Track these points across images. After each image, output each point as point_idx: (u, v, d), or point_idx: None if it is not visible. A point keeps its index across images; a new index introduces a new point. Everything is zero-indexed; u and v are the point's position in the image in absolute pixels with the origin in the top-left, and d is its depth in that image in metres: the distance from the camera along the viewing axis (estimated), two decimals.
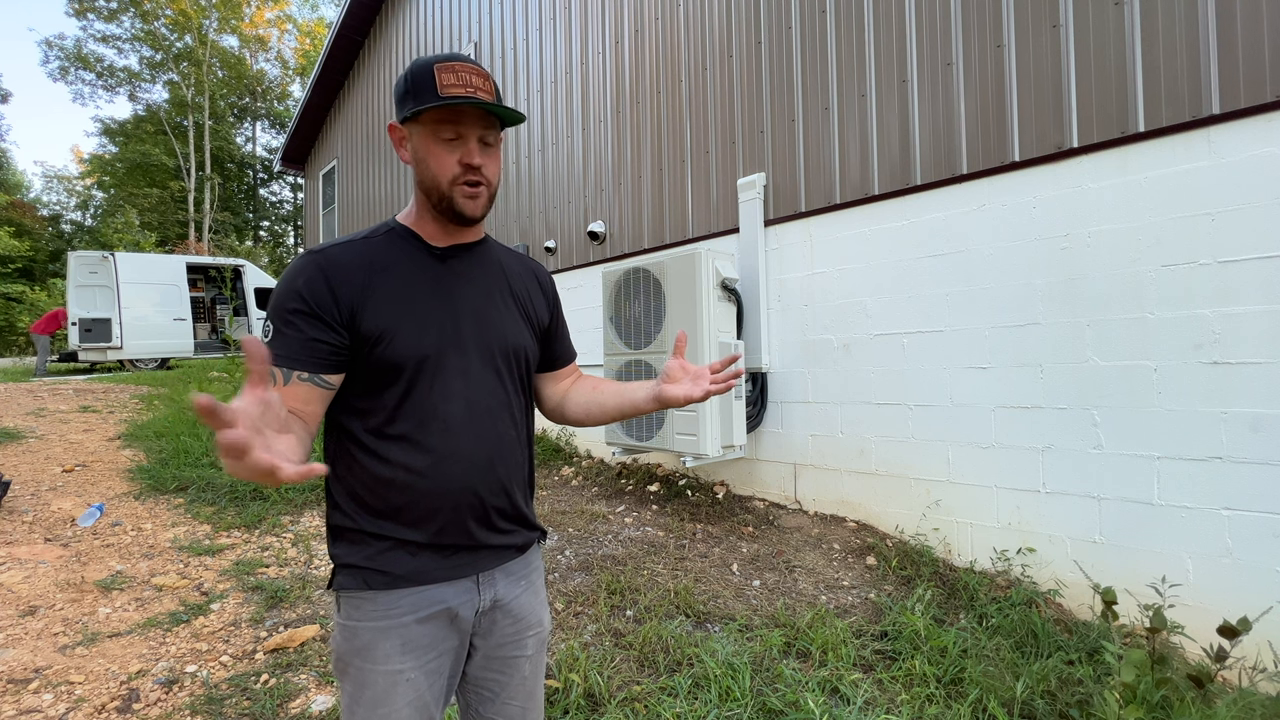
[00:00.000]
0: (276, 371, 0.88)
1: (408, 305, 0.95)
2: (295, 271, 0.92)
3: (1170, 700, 1.61)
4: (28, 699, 2.00)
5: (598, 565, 2.91)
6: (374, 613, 0.93)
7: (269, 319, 0.92)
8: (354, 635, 0.93)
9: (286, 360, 0.89)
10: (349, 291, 0.92)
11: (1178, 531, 2.25)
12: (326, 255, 0.94)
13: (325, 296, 0.91)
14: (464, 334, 0.99)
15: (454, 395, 0.97)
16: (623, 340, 3.73)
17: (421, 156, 0.95)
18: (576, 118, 5.25)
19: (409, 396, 0.94)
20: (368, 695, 0.92)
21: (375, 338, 0.92)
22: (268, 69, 31.78)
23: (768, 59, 3.70)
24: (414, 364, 0.94)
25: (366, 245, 0.97)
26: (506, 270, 1.10)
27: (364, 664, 0.93)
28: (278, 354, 0.88)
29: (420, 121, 0.93)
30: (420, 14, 7.98)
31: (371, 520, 0.94)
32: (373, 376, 0.94)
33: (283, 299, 0.91)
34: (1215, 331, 2.18)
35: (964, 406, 2.83)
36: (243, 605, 2.68)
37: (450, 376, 0.97)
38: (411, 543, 0.95)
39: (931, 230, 2.95)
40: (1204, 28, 2.22)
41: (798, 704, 1.82)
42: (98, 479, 4.25)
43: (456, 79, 0.90)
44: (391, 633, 0.93)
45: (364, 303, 0.92)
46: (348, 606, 0.95)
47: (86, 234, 29.21)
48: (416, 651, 0.94)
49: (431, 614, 0.96)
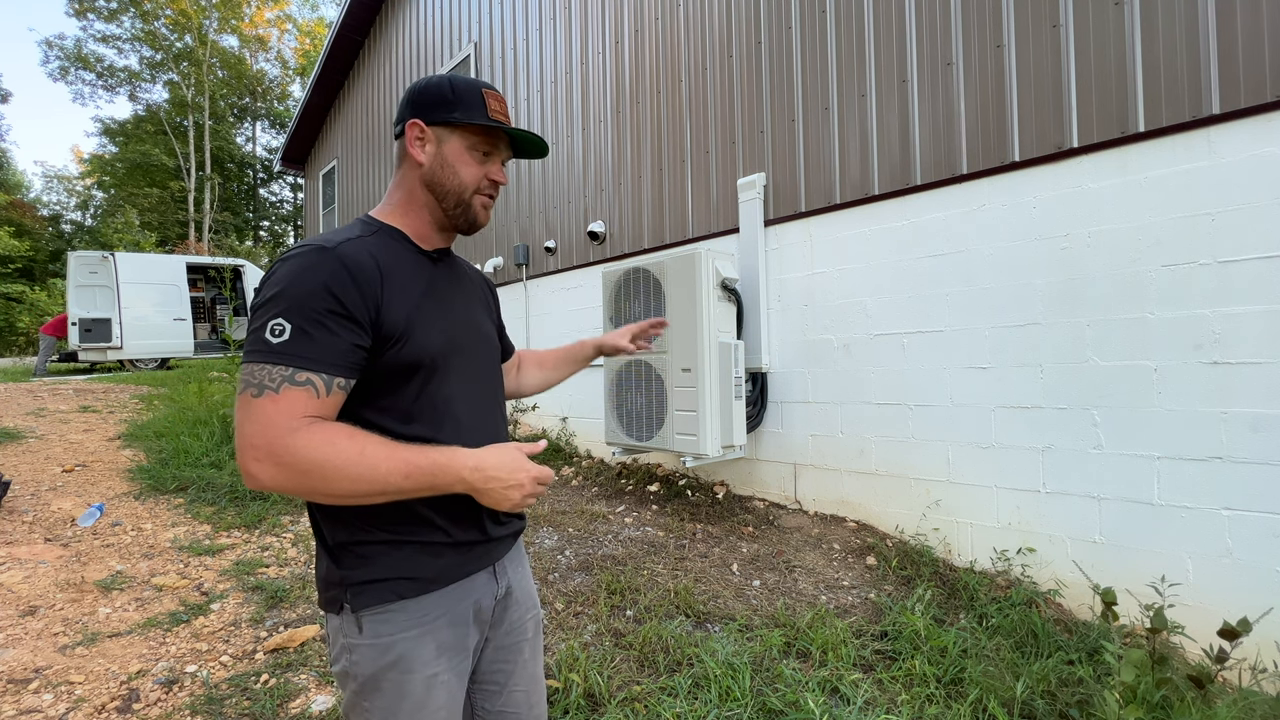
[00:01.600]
0: (315, 379, 0.81)
1: (416, 306, 0.94)
2: (314, 267, 0.84)
3: (1170, 700, 1.61)
4: (28, 699, 2.00)
5: (598, 565, 2.91)
6: (406, 622, 0.91)
7: (282, 315, 0.81)
8: (387, 650, 0.89)
9: (326, 366, 0.82)
10: (372, 291, 0.87)
11: (1178, 531, 2.25)
12: (341, 252, 0.87)
13: (354, 295, 0.85)
14: (460, 334, 1.02)
15: (459, 394, 0.99)
16: None
17: (449, 163, 0.98)
18: (576, 118, 5.25)
19: (421, 396, 0.94)
20: (407, 706, 0.90)
21: (394, 338, 0.89)
22: (268, 69, 31.80)
23: (768, 59, 3.70)
24: (428, 363, 0.94)
25: (369, 244, 0.92)
26: (469, 273, 1.17)
27: (401, 675, 0.89)
28: (308, 357, 0.81)
29: (458, 131, 0.98)
30: (420, 14, 7.97)
31: (389, 528, 0.91)
32: (387, 378, 0.91)
33: (308, 297, 0.82)
34: (1215, 331, 2.18)
35: (964, 406, 2.83)
36: (243, 605, 2.68)
37: (455, 375, 0.99)
38: (434, 544, 0.94)
39: (931, 230, 2.95)
40: (1204, 28, 2.22)
41: (798, 704, 1.82)
42: (98, 479, 4.25)
43: (499, 106, 1.01)
44: (426, 638, 0.92)
45: (383, 302, 0.89)
46: (374, 623, 0.90)
47: (86, 234, 29.20)
48: (449, 653, 0.94)
49: (461, 614, 0.97)
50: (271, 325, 0.81)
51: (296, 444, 0.78)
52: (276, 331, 0.81)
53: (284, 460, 0.78)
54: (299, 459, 0.78)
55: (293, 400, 0.80)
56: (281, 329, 0.81)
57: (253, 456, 0.78)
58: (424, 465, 0.84)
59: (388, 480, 0.81)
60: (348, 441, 0.81)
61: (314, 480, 0.79)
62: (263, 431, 0.78)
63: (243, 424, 0.79)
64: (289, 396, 0.80)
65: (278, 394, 0.79)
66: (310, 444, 0.79)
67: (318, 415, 0.82)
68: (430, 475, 0.84)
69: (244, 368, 0.82)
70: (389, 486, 0.82)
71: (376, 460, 0.81)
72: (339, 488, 0.80)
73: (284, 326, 0.81)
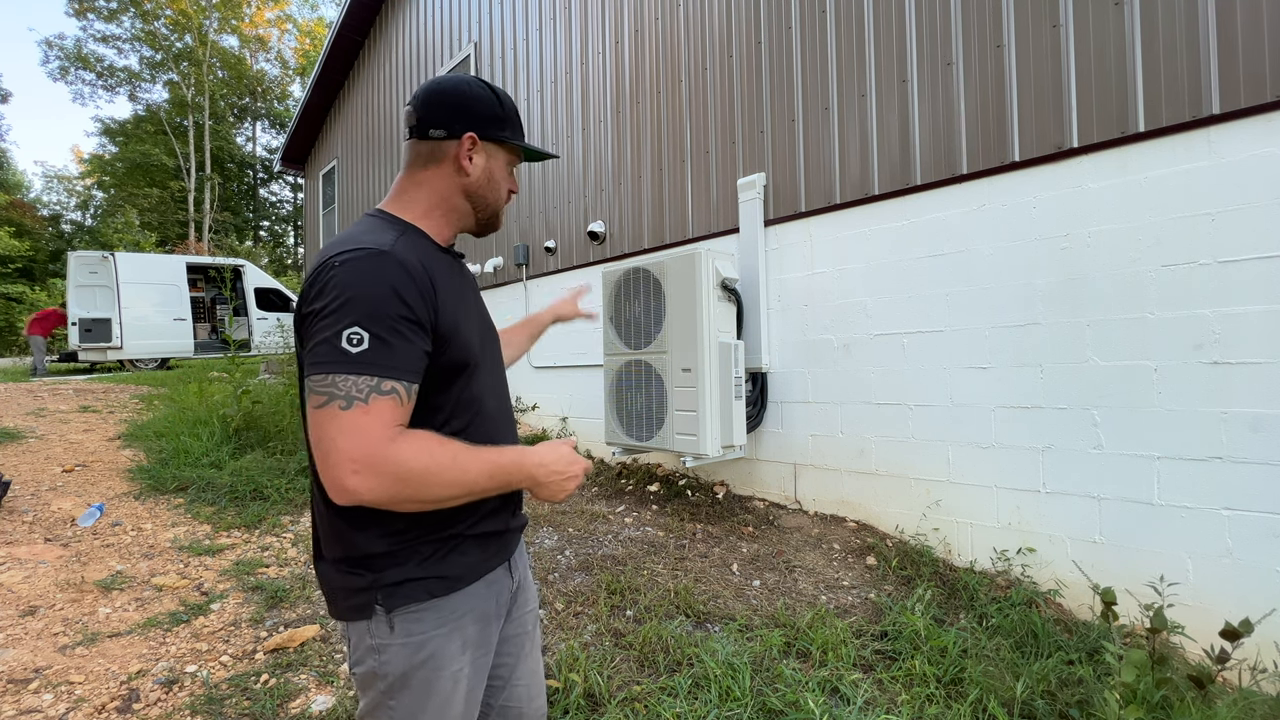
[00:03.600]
0: (399, 387, 0.81)
1: (455, 307, 0.95)
2: (378, 271, 0.83)
3: (1170, 700, 1.61)
4: (28, 699, 2.00)
5: (598, 565, 2.91)
6: (437, 620, 0.92)
7: (359, 323, 0.79)
8: (420, 648, 0.90)
9: (407, 374, 0.82)
10: (430, 296, 0.88)
11: (1178, 531, 2.25)
12: (399, 255, 0.86)
13: (418, 300, 0.85)
14: (485, 331, 1.07)
15: (489, 389, 1.03)
16: (623, 340, 3.73)
17: (494, 178, 1.05)
18: (576, 118, 5.25)
19: (463, 396, 0.96)
20: (434, 703, 0.92)
21: (447, 340, 0.90)
22: (268, 69, 31.81)
23: (768, 59, 3.70)
24: (473, 362, 0.97)
25: (410, 244, 0.92)
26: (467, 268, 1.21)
27: (430, 673, 0.91)
28: (391, 366, 0.80)
29: (504, 149, 1.05)
30: (420, 14, 7.97)
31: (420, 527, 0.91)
32: (436, 379, 0.91)
33: (381, 302, 0.81)
34: (1215, 331, 2.18)
35: (964, 406, 2.83)
36: (243, 605, 2.68)
37: (485, 372, 1.02)
38: (464, 537, 0.95)
39: (931, 230, 2.95)
40: (1204, 28, 2.22)
41: (798, 704, 1.82)
42: (98, 479, 4.25)
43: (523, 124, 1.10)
44: (454, 635, 0.94)
45: (439, 306, 0.89)
46: (407, 622, 0.90)
47: (86, 234, 29.21)
48: (473, 649, 0.97)
49: (485, 611, 0.99)
50: (348, 334, 0.79)
51: (399, 454, 0.79)
52: (354, 341, 0.79)
53: (385, 471, 0.78)
54: (401, 469, 0.79)
55: (383, 410, 0.79)
56: (359, 338, 0.79)
57: (351, 470, 0.77)
58: (505, 465, 0.89)
59: (476, 482, 0.86)
60: (440, 448, 0.84)
61: (413, 488, 0.80)
62: (360, 444, 0.77)
63: (335, 438, 0.78)
64: (379, 406, 0.79)
65: (368, 405, 0.78)
66: (410, 453, 0.80)
67: (403, 424, 0.83)
68: (507, 474, 0.90)
69: (321, 379, 0.79)
70: (476, 487, 0.87)
71: (467, 464, 0.85)
72: (434, 493, 0.83)
73: (361, 335, 0.79)
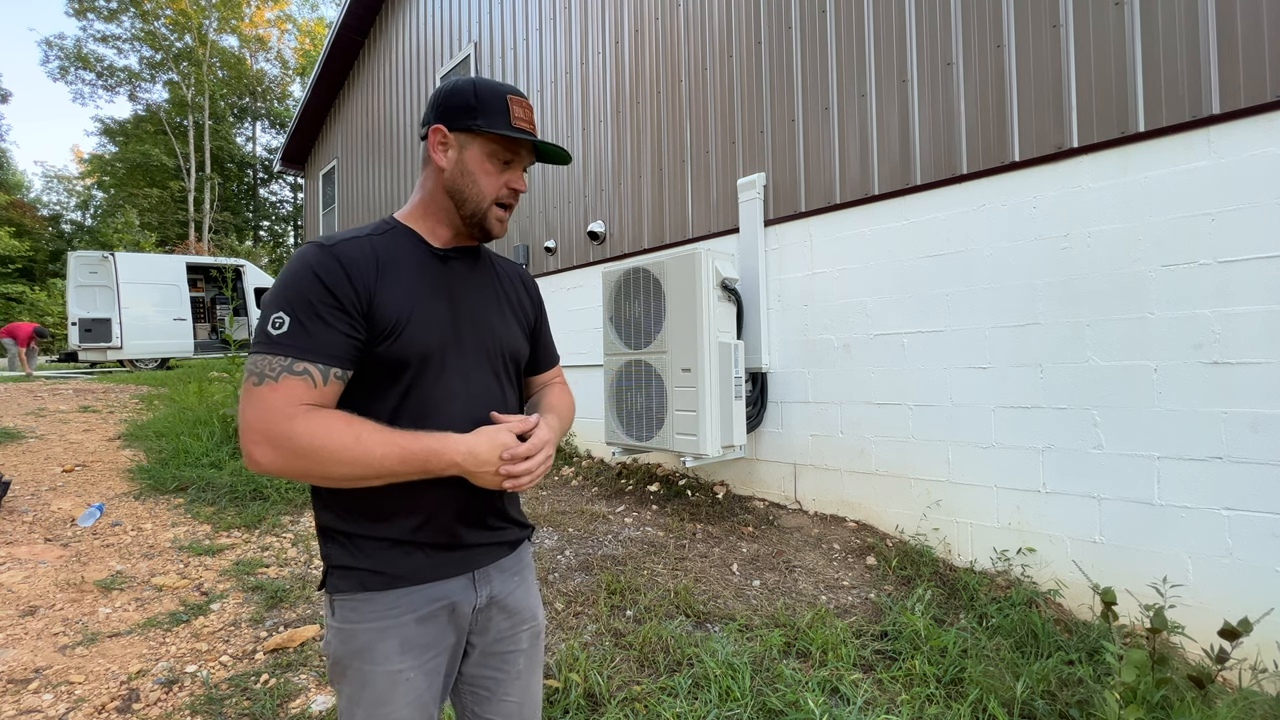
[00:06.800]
0: (312, 369, 0.86)
1: (412, 302, 0.95)
2: (308, 261, 0.89)
3: (1170, 700, 1.61)
4: (28, 699, 2.00)
5: (598, 565, 2.91)
6: (372, 614, 0.93)
7: (282, 309, 0.86)
8: (352, 637, 0.93)
9: (322, 357, 0.86)
10: (364, 284, 0.90)
11: (1178, 531, 2.25)
12: (337, 248, 0.91)
13: (346, 287, 0.89)
14: (464, 334, 1.01)
15: (454, 395, 0.98)
16: (623, 340, 3.73)
17: (469, 170, 0.99)
18: (576, 118, 5.25)
19: (411, 394, 0.95)
20: (368, 695, 0.92)
21: (385, 332, 0.92)
22: (268, 69, 31.79)
23: (768, 59, 3.70)
24: (418, 361, 0.94)
25: (371, 241, 0.96)
26: (499, 274, 1.14)
27: (364, 665, 0.92)
28: (305, 348, 0.85)
29: (480, 139, 0.98)
30: (420, 14, 7.97)
31: (363, 521, 0.94)
32: (377, 372, 0.93)
33: (302, 289, 0.87)
34: (1215, 331, 2.18)
35: (964, 406, 2.83)
36: (243, 605, 2.68)
37: (450, 375, 0.98)
38: (406, 542, 0.95)
39: (931, 230, 2.95)
40: (1204, 28, 2.22)
41: (798, 704, 1.82)
42: (98, 479, 4.25)
43: (523, 114, 1.00)
44: (391, 633, 0.93)
45: (376, 296, 0.91)
46: (344, 609, 0.94)
47: (86, 234, 29.21)
48: (415, 651, 0.94)
49: (431, 612, 0.96)
50: (272, 318, 0.87)
51: (294, 429, 0.83)
52: (276, 324, 0.86)
53: (282, 445, 0.83)
54: (296, 444, 0.83)
55: (291, 388, 0.85)
56: (281, 321, 0.86)
57: (252, 440, 0.84)
58: (417, 450, 0.88)
59: (383, 464, 0.86)
60: (344, 427, 0.85)
61: (310, 464, 0.84)
62: (262, 417, 0.84)
63: (245, 410, 0.85)
64: (287, 385, 0.85)
65: (277, 382, 0.84)
66: (307, 430, 0.83)
67: (316, 404, 0.86)
68: (423, 460, 0.88)
69: (249, 359, 0.88)
70: (384, 470, 0.86)
71: (371, 445, 0.85)
72: (335, 471, 0.85)
73: (283, 319, 0.86)
